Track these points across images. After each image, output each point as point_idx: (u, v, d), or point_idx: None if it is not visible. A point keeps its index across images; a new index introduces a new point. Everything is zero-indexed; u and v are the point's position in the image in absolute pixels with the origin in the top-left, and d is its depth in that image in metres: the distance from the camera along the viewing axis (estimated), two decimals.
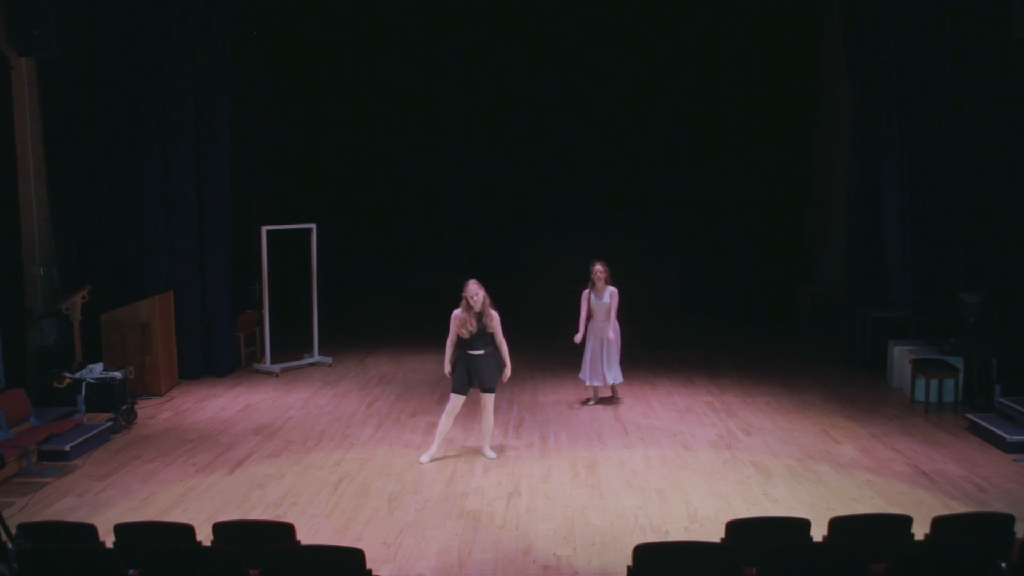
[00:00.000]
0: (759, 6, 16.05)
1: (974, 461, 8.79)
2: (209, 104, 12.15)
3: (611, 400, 10.95)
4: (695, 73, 16.52)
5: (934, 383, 10.79)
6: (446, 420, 8.85)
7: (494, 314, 8.63)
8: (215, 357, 12.53)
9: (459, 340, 8.64)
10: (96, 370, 10.58)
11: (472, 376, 8.70)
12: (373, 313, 16.62)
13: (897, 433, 9.72)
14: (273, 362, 12.66)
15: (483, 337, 8.61)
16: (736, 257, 16.90)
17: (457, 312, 8.59)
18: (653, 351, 13.87)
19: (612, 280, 10.58)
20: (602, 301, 10.51)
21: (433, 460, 8.80)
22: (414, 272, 16.88)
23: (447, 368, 8.83)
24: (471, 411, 10.61)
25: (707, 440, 9.49)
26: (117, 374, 10.46)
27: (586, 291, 10.59)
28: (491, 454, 8.94)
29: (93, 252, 11.99)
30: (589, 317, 10.62)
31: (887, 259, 12.56)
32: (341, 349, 13.78)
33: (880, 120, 12.34)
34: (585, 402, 10.89)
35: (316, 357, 13.10)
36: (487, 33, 16.32)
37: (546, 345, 13.75)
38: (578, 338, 10.58)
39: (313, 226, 13.04)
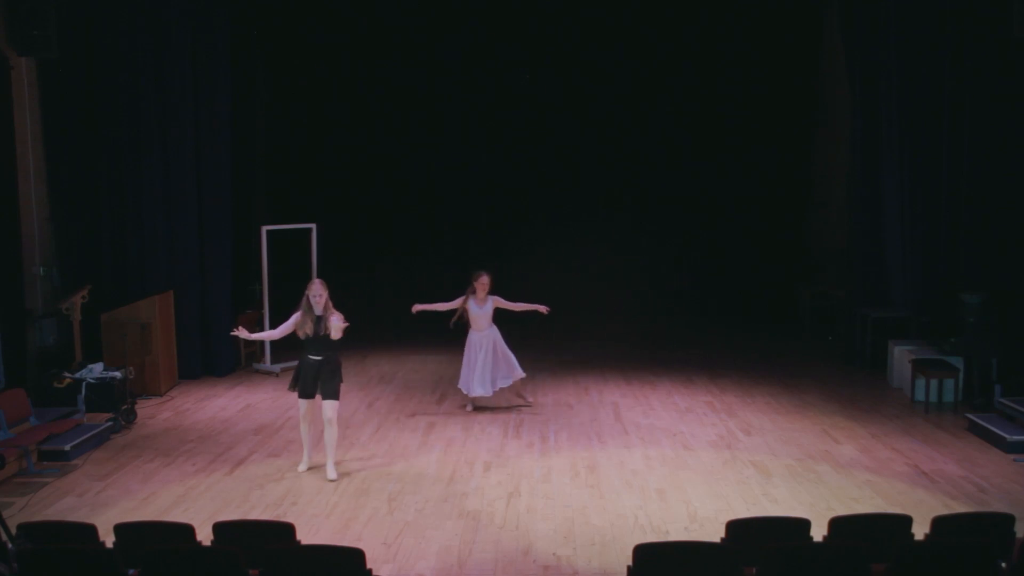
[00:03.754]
0: (759, 6, 16.05)
1: (974, 461, 8.79)
2: (209, 104, 12.15)
3: (517, 405, 10.72)
4: (695, 73, 16.51)
5: (934, 383, 10.79)
6: (303, 426, 8.48)
7: (336, 320, 8.18)
8: (215, 357, 12.53)
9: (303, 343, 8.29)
10: (96, 370, 10.58)
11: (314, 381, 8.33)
12: (373, 313, 16.60)
13: (897, 433, 9.72)
14: (273, 362, 12.66)
15: (323, 342, 8.25)
16: (736, 257, 16.89)
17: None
18: (653, 351, 13.88)
19: (610, 281, 10.53)
20: (484, 310, 10.28)
21: (311, 468, 8.55)
22: (414, 272, 16.87)
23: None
24: (469, 411, 10.62)
25: (707, 440, 9.49)
26: (117, 374, 10.46)
27: (462, 298, 10.29)
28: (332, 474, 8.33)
29: (93, 252, 11.99)
30: (467, 326, 10.37)
31: (887, 259, 12.56)
32: (341, 349, 13.72)
33: (880, 120, 12.34)
34: (464, 406, 10.69)
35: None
36: (487, 33, 16.31)
37: (546, 345, 13.76)
38: (415, 308, 10.22)
39: (313, 226, 13.03)
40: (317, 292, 8.23)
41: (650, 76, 16.62)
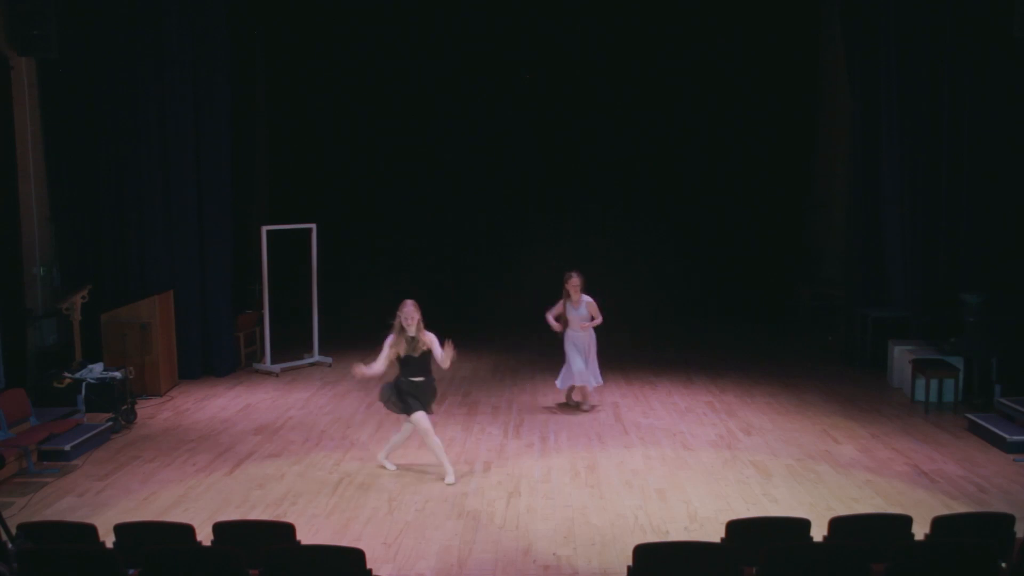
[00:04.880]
0: (759, 6, 16.05)
1: (974, 461, 8.79)
2: (209, 104, 12.14)
3: (579, 406, 10.77)
4: (695, 73, 16.50)
5: (934, 383, 10.79)
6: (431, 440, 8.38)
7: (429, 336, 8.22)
8: (215, 357, 12.53)
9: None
10: (96, 370, 10.57)
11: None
12: (373, 313, 16.59)
13: (897, 433, 9.72)
14: (273, 362, 12.66)
15: (420, 363, 8.24)
16: (736, 257, 16.89)
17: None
18: (653, 351, 13.88)
19: (610, 281, 10.54)
20: (579, 312, 10.37)
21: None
22: (414, 271, 16.87)
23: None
24: (469, 411, 10.63)
25: (707, 440, 9.49)
26: (117, 374, 10.46)
27: (560, 302, 10.43)
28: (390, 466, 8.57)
29: (93, 252, 11.99)
30: (565, 326, 10.47)
31: (887, 259, 12.56)
32: (341, 349, 13.77)
33: (880, 120, 12.34)
34: (576, 406, 10.74)
35: (316, 357, 13.11)
36: (487, 33, 16.31)
37: (546, 346, 13.75)
38: (555, 326, 10.43)
39: (313, 226, 13.04)
40: (409, 314, 8.17)
41: (649, 77, 16.62)
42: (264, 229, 12.59)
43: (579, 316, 10.38)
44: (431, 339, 8.26)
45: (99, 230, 12.03)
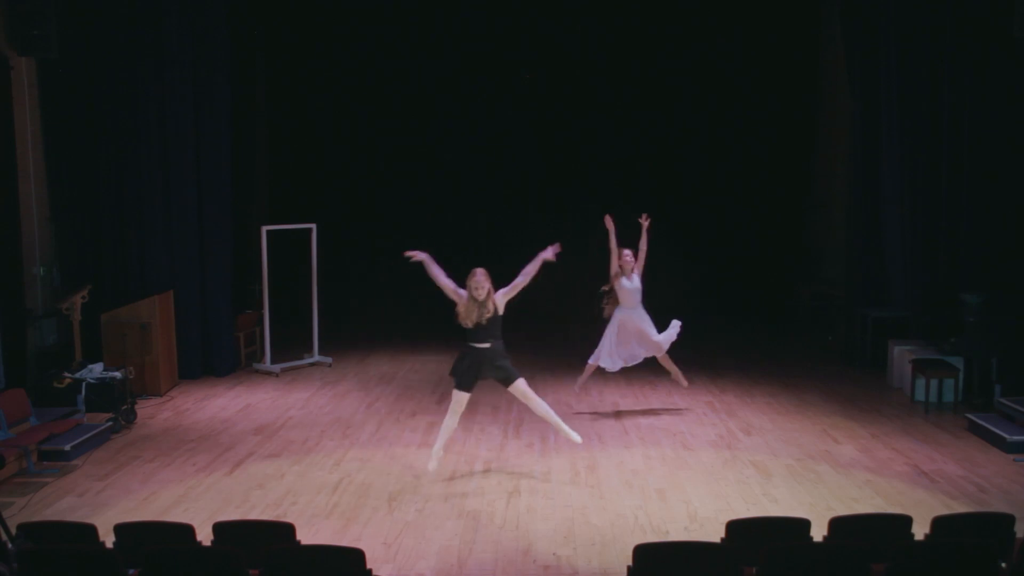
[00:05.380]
0: (759, 6, 16.05)
1: (974, 461, 8.78)
2: (209, 104, 12.14)
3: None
4: (695, 72, 16.51)
5: (934, 383, 10.79)
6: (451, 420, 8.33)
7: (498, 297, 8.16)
8: (215, 357, 12.53)
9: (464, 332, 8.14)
10: (96, 370, 10.57)
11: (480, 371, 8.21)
12: (373, 313, 16.61)
13: (897, 433, 9.72)
14: (273, 362, 12.66)
15: (488, 329, 8.15)
16: (736, 257, 16.89)
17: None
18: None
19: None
20: (634, 284, 10.35)
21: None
22: (414, 272, 16.85)
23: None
24: (469, 411, 10.62)
25: (707, 440, 9.49)
26: (117, 374, 10.46)
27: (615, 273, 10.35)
28: (575, 437, 8.43)
29: (93, 252, 11.99)
30: (616, 301, 10.37)
31: (887, 259, 12.55)
32: (341, 349, 13.78)
33: (880, 120, 12.34)
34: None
35: (316, 357, 13.11)
36: (487, 33, 16.31)
37: (545, 346, 13.76)
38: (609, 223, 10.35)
39: (313, 226, 13.04)
40: (479, 283, 8.12)
41: (650, 76, 16.62)
42: (264, 229, 12.59)
43: (634, 289, 10.30)
44: (499, 299, 8.22)
45: (99, 230, 12.02)
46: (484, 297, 8.14)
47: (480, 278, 8.17)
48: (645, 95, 16.66)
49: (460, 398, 8.29)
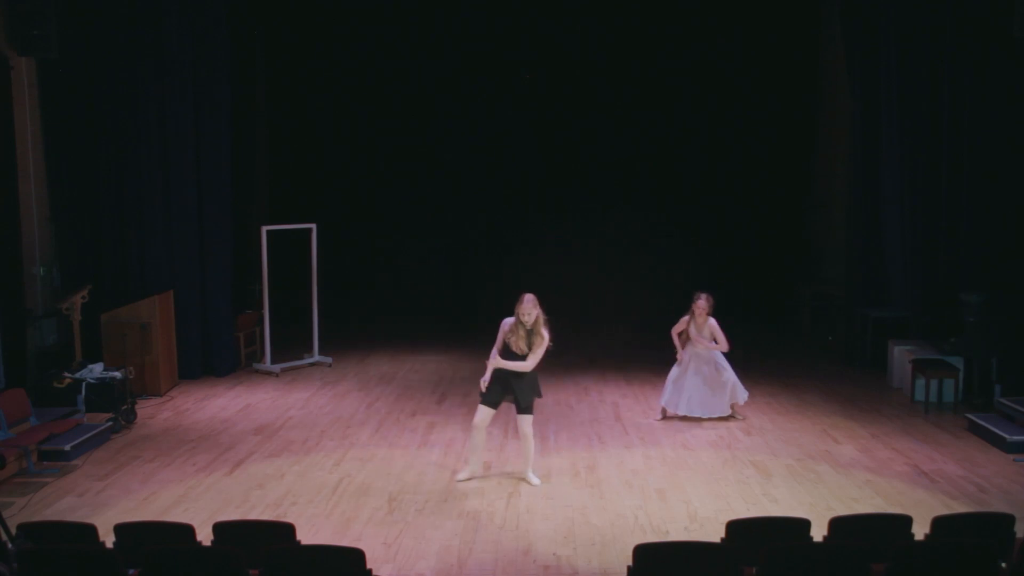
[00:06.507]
0: (759, 6, 16.05)
1: (974, 461, 8.79)
2: (209, 103, 12.14)
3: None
4: (695, 73, 16.49)
5: (934, 383, 10.79)
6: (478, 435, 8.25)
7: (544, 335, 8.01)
8: (215, 357, 12.53)
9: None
10: (96, 370, 10.57)
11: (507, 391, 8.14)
12: (373, 313, 16.61)
13: (897, 433, 9.72)
14: (273, 362, 12.66)
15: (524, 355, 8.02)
16: (736, 257, 16.87)
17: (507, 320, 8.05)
18: (653, 351, 13.84)
19: (610, 282, 10.51)
20: (701, 335, 10.25)
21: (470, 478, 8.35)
22: (414, 272, 16.88)
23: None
24: (469, 411, 10.61)
25: (707, 440, 9.49)
26: (117, 374, 10.46)
27: (685, 319, 10.36)
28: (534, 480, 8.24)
29: (93, 252, 11.99)
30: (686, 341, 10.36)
31: (887, 259, 12.55)
32: (341, 349, 13.78)
33: (880, 120, 12.34)
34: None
35: (316, 357, 13.11)
36: (487, 33, 16.30)
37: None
38: (680, 356, 10.36)
39: (313, 226, 13.04)
40: (527, 310, 7.94)
41: (650, 76, 16.60)
42: (264, 229, 12.59)
43: (701, 339, 10.23)
44: (545, 336, 8.03)
45: (99, 230, 12.02)
46: (532, 323, 7.99)
47: (528, 305, 7.99)
48: (645, 95, 16.65)
49: (483, 413, 8.23)
